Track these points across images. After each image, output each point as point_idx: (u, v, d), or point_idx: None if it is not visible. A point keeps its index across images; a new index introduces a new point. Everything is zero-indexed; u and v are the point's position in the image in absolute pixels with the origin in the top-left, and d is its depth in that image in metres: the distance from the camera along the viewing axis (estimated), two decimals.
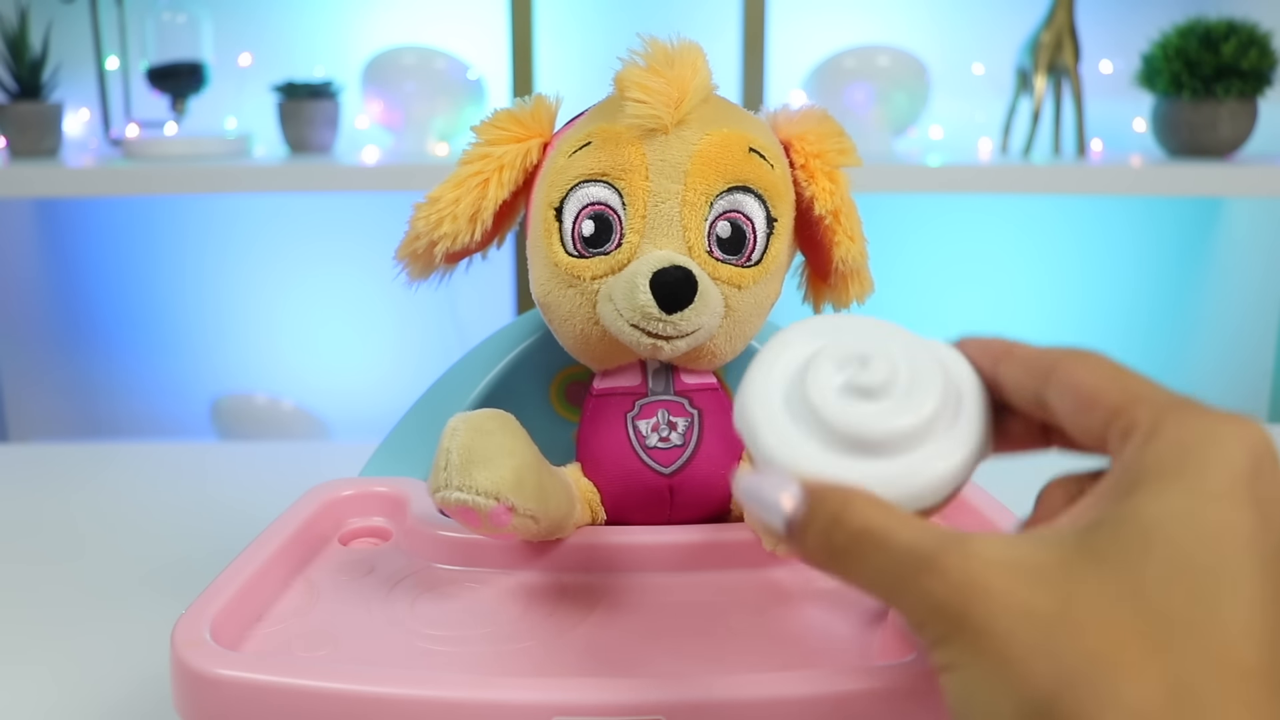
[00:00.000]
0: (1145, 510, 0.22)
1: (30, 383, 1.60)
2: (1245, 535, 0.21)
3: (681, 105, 0.37)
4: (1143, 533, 0.21)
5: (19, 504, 0.65)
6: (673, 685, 0.30)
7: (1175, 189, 1.25)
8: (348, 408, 1.59)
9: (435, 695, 0.30)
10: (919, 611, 0.23)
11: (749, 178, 0.38)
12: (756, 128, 0.39)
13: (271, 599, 0.36)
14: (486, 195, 0.39)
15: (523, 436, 0.36)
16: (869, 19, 1.48)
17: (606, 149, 0.38)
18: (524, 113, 0.40)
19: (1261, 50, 1.23)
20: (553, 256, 0.39)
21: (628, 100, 0.37)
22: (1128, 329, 1.58)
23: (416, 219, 0.40)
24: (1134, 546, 0.21)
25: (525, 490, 0.34)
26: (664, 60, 0.37)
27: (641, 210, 0.38)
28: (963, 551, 0.22)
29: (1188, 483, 0.22)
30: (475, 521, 0.34)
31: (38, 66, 1.31)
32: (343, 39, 1.48)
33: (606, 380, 0.41)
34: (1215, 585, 0.21)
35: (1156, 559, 0.21)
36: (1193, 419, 0.23)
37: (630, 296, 0.36)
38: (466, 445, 0.34)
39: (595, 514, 0.41)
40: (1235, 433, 0.22)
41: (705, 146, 0.38)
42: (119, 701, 0.41)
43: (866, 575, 0.24)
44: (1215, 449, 0.22)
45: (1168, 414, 0.23)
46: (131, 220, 1.56)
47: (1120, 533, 0.22)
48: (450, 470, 0.34)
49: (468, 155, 0.40)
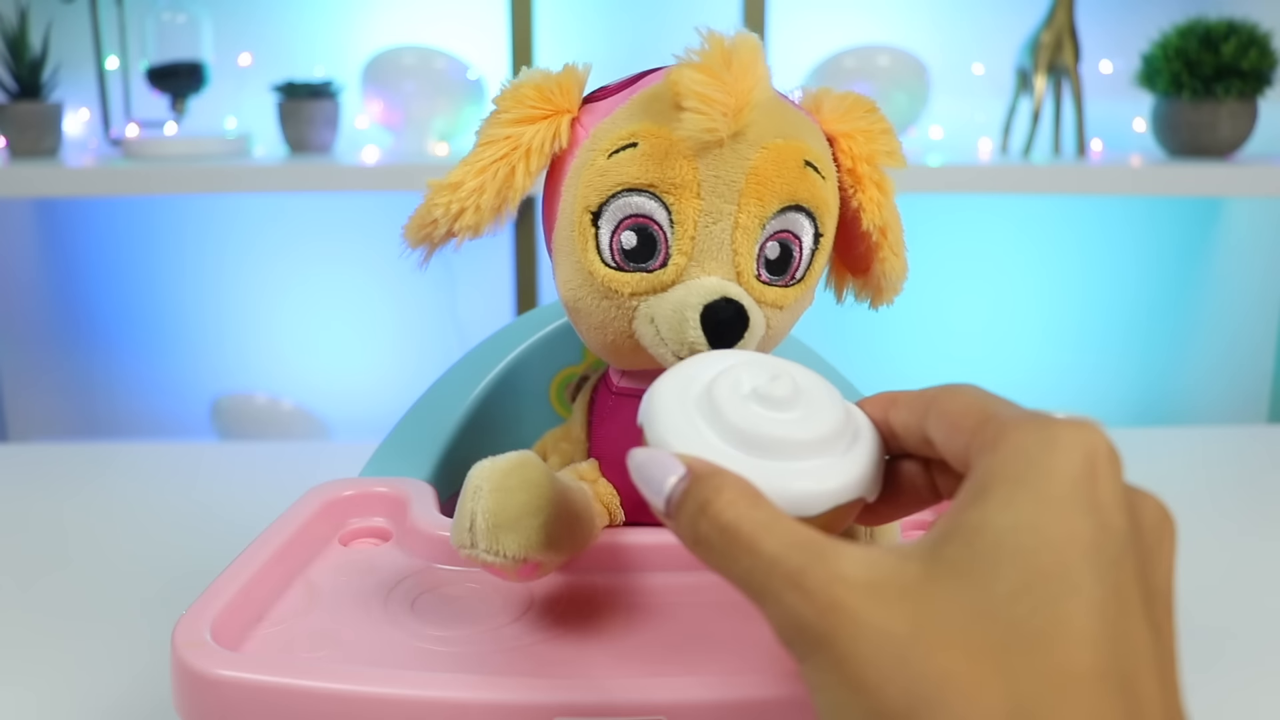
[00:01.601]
0: (993, 520, 0.22)
1: (30, 383, 1.60)
2: (1086, 541, 0.22)
3: (740, 116, 0.34)
4: (991, 543, 0.22)
5: (19, 504, 0.65)
6: (673, 685, 0.30)
7: (1175, 189, 1.25)
8: (348, 408, 1.59)
9: (435, 695, 0.30)
10: (785, 627, 0.23)
11: (803, 196, 0.36)
12: (810, 133, 0.37)
13: (272, 599, 0.36)
14: (513, 185, 0.36)
15: (545, 485, 0.34)
16: (869, 19, 1.48)
17: (655, 158, 0.35)
18: (550, 85, 0.37)
19: (1261, 50, 1.23)
20: (587, 264, 0.36)
21: (685, 109, 0.34)
22: (1128, 329, 1.58)
23: (434, 204, 0.36)
24: (983, 558, 0.22)
25: (552, 545, 0.34)
26: (721, 61, 0.33)
27: (691, 231, 0.35)
28: (827, 570, 0.22)
29: (1030, 490, 0.22)
30: (502, 576, 0.34)
31: (38, 66, 1.31)
32: (343, 39, 1.48)
33: (629, 380, 0.40)
34: (1057, 593, 0.21)
35: (1004, 570, 0.21)
36: (1034, 427, 0.23)
37: (678, 330, 0.34)
38: (491, 509, 0.32)
39: (614, 515, 0.40)
40: (1073, 438, 0.23)
41: (760, 163, 0.35)
42: (119, 702, 0.41)
43: (734, 574, 0.24)
44: (1054, 455, 0.23)
45: (1012, 425, 0.24)
46: (131, 220, 1.56)
47: (970, 544, 0.22)
48: (476, 533, 0.32)
49: (489, 134, 0.37)
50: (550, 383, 0.48)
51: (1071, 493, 0.22)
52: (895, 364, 1.56)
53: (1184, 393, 1.58)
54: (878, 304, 0.42)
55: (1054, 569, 0.21)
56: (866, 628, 0.21)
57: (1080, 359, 1.59)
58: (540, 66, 0.38)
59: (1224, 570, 0.55)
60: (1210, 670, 0.44)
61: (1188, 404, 1.58)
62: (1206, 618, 0.49)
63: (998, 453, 0.23)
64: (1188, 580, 0.53)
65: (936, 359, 1.58)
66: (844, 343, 0.76)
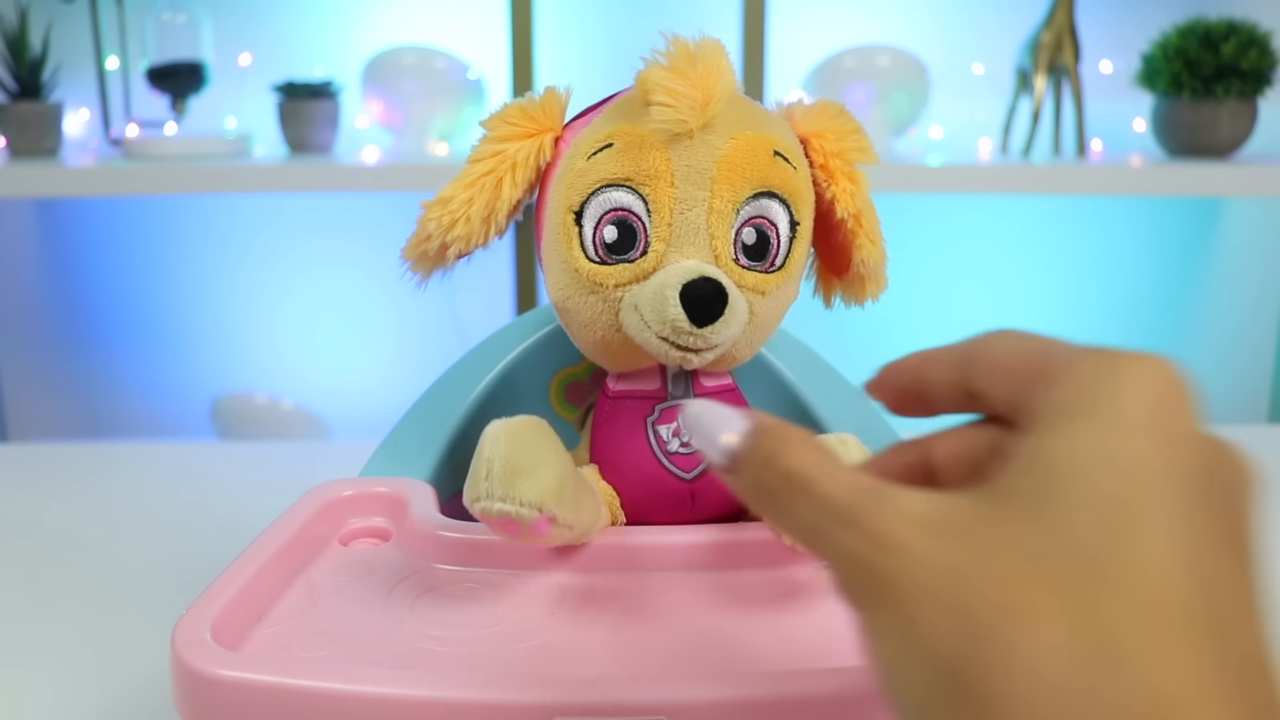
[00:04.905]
0: (1059, 450, 0.21)
1: (30, 382, 1.60)
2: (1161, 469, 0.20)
3: (707, 109, 0.36)
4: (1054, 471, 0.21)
5: (19, 504, 0.65)
6: (673, 685, 0.30)
7: (1175, 189, 1.25)
8: (348, 408, 1.59)
9: (435, 695, 0.30)
10: (840, 567, 0.22)
11: (774, 183, 0.37)
12: (779, 128, 0.39)
13: (271, 599, 0.36)
14: (500, 196, 0.39)
15: (559, 444, 0.35)
16: (869, 19, 1.48)
17: (629, 153, 0.37)
18: (534, 106, 0.39)
19: (1261, 50, 1.23)
20: (573, 262, 0.38)
21: (653, 104, 0.36)
22: (1128, 329, 1.58)
23: (427, 220, 0.39)
24: (1047, 488, 0.20)
25: (565, 501, 0.34)
26: (687, 60, 0.36)
27: (667, 218, 0.37)
28: (884, 508, 0.22)
29: (1099, 419, 0.21)
30: (515, 531, 0.34)
31: (38, 66, 1.31)
32: (343, 39, 1.48)
33: (624, 382, 0.40)
34: (1135, 522, 0.20)
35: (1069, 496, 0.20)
36: (1101, 360, 0.22)
37: (659, 309, 0.35)
38: (509, 455, 0.33)
39: (615, 517, 0.40)
40: (1144, 368, 0.22)
41: (730, 151, 0.37)
42: (119, 701, 0.41)
43: (792, 521, 0.23)
44: (1124, 384, 0.21)
45: (1077, 358, 0.22)
46: (131, 220, 1.56)
47: (1033, 475, 0.21)
48: (492, 480, 0.33)
49: (478, 152, 0.39)
50: (550, 383, 0.48)
51: (1145, 421, 0.21)
52: None
53: None
54: (863, 298, 0.42)
55: (1129, 497, 0.20)
56: (923, 562, 0.21)
57: None
58: (541, 68, 0.39)
59: None
60: None
61: None
62: None
63: (1060, 386, 0.22)
64: None
65: None
66: (844, 343, 0.76)
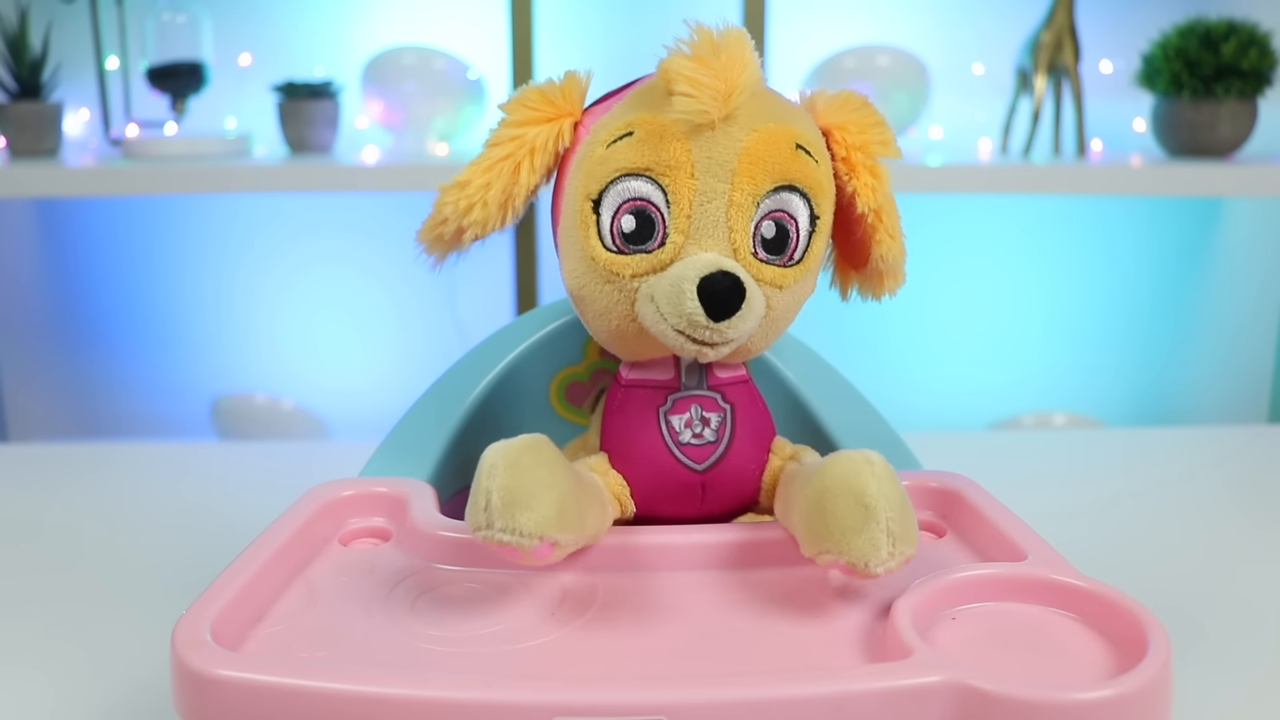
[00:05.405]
0: None
1: (30, 383, 1.60)
2: None
3: (730, 100, 0.35)
4: None
5: (19, 504, 0.65)
6: (673, 685, 0.30)
7: (1175, 189, 1.25)
8: (348, 408, 1.58)
9: (435, 695, 0.30)
10: None
11: (796, 176, 0.37)
12: (801, 120, 0.38)
13: (271, 600, 0.36)
14: (518, 181, 0.38)
15: (559, 464, 0.35)
16: (869, 19, 1.48)
17: (650, 142, 0.36)
18: (553, 90, 0.39)
19: (1261, 50, 1.23)
20: (589, 250, 0.37)
21: (675, 94, 0.35)
22: (1128, 329, 1.58)
23: (444, 203, 0.38)
24: None
25: (567, 524, 0.34)
26: (710, 50, 0.35)
27: (686, 210, 0.36)
28: None
29: None
30: (517, 558, 0.34)
31: (38, 66, 1.31)
32: (343, 39, 1.48)
33: (637, 371, 0.40)
34: None
35: None
36: None
37: (676, 302, 0.35)
38: (506, 486, 0.33)
39: (624, 508, 0.40)
40: None
41: (752, 144, 0.36)
42: (119, 702, 0.41)
43: None
44: None
45: None
46: (131, 220, 1.56)
47: None
48: (491, 511, 0.33)
49: (496, 136, 0.39)
50: (550, 383, 0.48)
51: None
52: (895, 364, 1.56)
53: (1184, 393, 1.58)
54: (881, 293, 0.42)
55: None
56: None
57: (1080, 359, 1.59)
58: (541, 68, 0.39)
59: (1225, 571, 0.55)
60: (1212, 672, 0.44)
61: (1188, 404, 1.58)
62: (1208, 618, 0.49)
63: None
64: (1189, 581, 0.53)
65: (937, 359, 1.58)
66: (844, 342, 0.76)
